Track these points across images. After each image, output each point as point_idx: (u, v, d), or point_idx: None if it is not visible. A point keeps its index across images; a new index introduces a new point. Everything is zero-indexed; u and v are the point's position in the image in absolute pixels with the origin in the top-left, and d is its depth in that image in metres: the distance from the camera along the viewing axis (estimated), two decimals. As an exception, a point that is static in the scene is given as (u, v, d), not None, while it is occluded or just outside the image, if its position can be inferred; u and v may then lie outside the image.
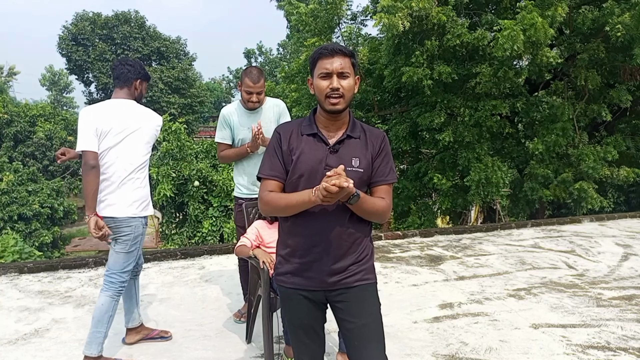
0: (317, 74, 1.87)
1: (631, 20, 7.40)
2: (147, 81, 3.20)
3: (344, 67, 1.83)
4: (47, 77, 52.11)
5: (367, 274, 1.93)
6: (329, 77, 1.84)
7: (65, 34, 24.91)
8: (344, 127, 1.93)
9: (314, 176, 1.83)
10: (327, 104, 1.85)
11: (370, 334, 1.89)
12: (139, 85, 3.10)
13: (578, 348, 3.28)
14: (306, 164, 1.86)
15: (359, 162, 1.87)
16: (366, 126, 1.98)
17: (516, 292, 4.43)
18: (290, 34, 21.13)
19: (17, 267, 4.89)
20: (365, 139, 1.93)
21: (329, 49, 1.85)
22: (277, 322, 2.92)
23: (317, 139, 1.89)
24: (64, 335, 3.42)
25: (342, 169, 1.68)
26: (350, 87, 1.86)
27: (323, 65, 1.85)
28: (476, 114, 8.84)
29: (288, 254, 1.94)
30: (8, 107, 20.92)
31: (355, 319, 1.89)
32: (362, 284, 1.90)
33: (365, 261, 1.93)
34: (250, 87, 3.34)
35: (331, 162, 1.84)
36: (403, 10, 7.63)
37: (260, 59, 39.51)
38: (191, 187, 9.10)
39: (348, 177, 1.70)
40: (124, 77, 3.03)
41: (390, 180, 1.93)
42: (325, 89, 1.84)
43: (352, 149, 1.89)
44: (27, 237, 15.96)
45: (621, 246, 6.26)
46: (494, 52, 7.71)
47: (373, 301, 1.94)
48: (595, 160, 8.65)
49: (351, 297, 1.90)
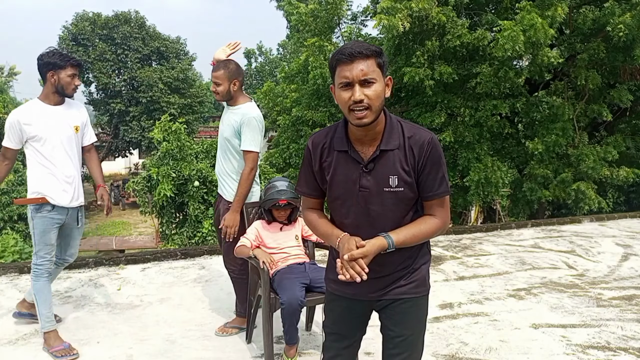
0: (337, 83, 1.61)
1: (632, 20, 7.41)
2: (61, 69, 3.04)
3: (367, 73, 1.55)
4: (47, 77, 52.02)
5: (416, 287, 1.79)
6: (351, 87, 1.57)
7: (65, 34, 24.89)
8: (380, 137, 1.66)
9: (349, 199, 1.70)
10: (352, 118, 1.60)
11: (406, 346, 1.81)
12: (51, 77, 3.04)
13: (578, 348, 3.28)
14: (340, 187, 1.71)
15: (397, 180, 1.64)
16: (409, 128, 1.68)
17: (516, 292, 4.43)
18: (290, 34, 21.11)
19: (17, 267, 4.88)
20: (405, 148, 1.65)
21: (346, 53, 1.56)
22: (277, 322, 2.92)
23: (350, 156, 1.68)
24: (63, 335, 3.41)
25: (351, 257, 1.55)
26: (378, 95, 1.57)
27: (342, 74, 1.58)
28: (476, 114, 8.85)
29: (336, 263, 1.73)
30: (8, 107, 20.91)
31: (396, 329, 1.81)
32: (409, 297, 1.79)
33: (416, 273, 1.79)
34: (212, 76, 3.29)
35: (365, 183, 1.66)
36: (403, 11, 7.64)
37: (260, 59, 39.50)
38: (191, 187, 9.09)
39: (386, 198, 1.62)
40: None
41: (441, 194, 1.69)
42: (348, 101, 1.57)
43: (388, 166, 1.65)
44: (27, 237, 15.95)
45: (621, 246, 6.26)
46: (494, 52, 7.72)
47: (418, 314, 1.83)
48: (595, 161, 8.65)
49: (396, 308, 1.80)
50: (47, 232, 3.06)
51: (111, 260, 5.19)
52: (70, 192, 3.13)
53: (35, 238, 3.08)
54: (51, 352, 3.05)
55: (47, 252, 3.10)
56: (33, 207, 3.06)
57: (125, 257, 5.27)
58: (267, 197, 3.12)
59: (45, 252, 3.09)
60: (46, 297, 3.11)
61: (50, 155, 3.06)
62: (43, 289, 3.10)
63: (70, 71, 3.06)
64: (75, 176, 3.18)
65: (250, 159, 3.20)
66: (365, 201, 1.68)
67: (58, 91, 3.07)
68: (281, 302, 2.77)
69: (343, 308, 1.88)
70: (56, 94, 3.09)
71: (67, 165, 3.12)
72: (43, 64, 3.03)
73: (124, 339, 3.37)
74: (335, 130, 1.74)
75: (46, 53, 3.07)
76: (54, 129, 3.06)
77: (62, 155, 3.10)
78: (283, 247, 3.16)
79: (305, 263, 3.14)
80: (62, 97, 3.13)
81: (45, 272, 3.11)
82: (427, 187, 1.68)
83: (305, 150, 1.79)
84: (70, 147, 3.14)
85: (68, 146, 3.13)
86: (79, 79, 3.16)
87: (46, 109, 3.08)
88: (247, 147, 3.18)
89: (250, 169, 3.20)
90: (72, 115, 3.19)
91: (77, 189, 3.19)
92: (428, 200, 1.71)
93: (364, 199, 1.68)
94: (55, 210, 3.08)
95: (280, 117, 11.73)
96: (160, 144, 9.43)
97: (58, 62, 3.02)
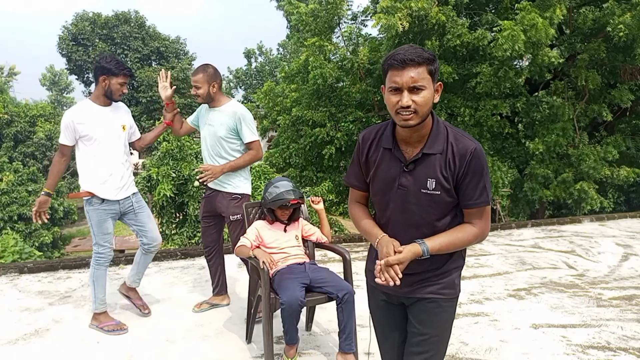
0: (387, 86, 1.66)
1: (632, 20, 7.41)
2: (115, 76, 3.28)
3: (417, 80, 1.58)
4: (47, 77, 52.12)
5: (443, 288, 1.82)
6: (399, 93, 1.61)
7: (65, 34, 24.90)
8: (424, 139, 1.71)
9: (388, 195, 1.76)
10: (397, 119, 1.65)
11: (428, 346, 1.84)
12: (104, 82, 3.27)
13: (578, 348, 3.28)
14: (380, 181, 1.78)
15: (434, 184, 1.68)
16: (455, 135, 1.70)
17: (516, 292, 4.43)
18: (290, 34, 21.13)
19: (17, 267, 4.88)
20: (447, 155, 1.68)
21: (398, 60, 1.59)
22: (277, 322, 2.92)
23: (393, 155, 1.74)
24: (64, 335, 3.42)
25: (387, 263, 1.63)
26: (426, 101, 1.61)
27: (392, 79, 1.61)
28: (476, 113, 8.85)
29: (375, 256, 1.84)
30: (8, 107, 20.92)
31: (419, 328, 1.84)
32: (436, 298, 1.82)
33: (445, 275, 1.81)
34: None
35: (404, 182, 1.72)
36: (402, 10, 7.64)
37: (260, 58, 39.50)
38: (191, 187, 9.10)
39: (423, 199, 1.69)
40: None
41: (480, 203, 1.70)
42: (395, 105, 1.62)
43: (429, 168, 1.69)
44: (27, 237, 15.96)
45: (621, 246, 6.26)
46: (494, 52, 7.71)
47: (443, 316, 1.84)
48: (596, 161, 8.66)
49: (422, 307, 1.84)
50: (102, 222, 3.34)
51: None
52: (117, 185, 3.36)
53: (93, 229, 3.37)
54: (101, 327, 3.40)
55: (106, 240, 3.40)
56: (86, 200, 3.33)
57: (125, 257, 5.27)
58: (276, 197, 3.09)
59: (104, 240, 3.39)
60: (103, 283, 3.46)
61: (99, 152, 3.29)
62: (101, 277, 3.44)
63: (121, 79, 3.31)
64: (122, 171, 3.40)
65: (256, 146, 3.51)
66: (402, 199, 1.74)
67: (106, 95, 3.31)
68: (281, 302, 2.77)
69: (381, 299, 1.97)
70: (105, 97, 3.32)
71: (114, 161, 3.35)
72: (99, 67, 3.25)
73: (124, 339, 3.37)
74: (385, 128, 1.81)
75: (104, 58, 3.30)
76: (104, 128, 3.30)
77: (109, 152, 3.33)
78: (283, 247, 3.16)
79: (306, 263, 3.14)
80: (110, 100, 3.37)
81: (106, 260, 3.44)
82: (467, 196, 1.70)
83: (356, 144, 1.88)
84: (118, 144, 3.38)
85: (116, 143, 3.37)
86: (127, 87, 3.41)
87: (97, 110, 3.32)
88: (251, 139, 3.47)
89: (257, 151, 3.53)
90: (120, 115, 3.45)
91: (125, 182, 3.42)
92: (467, 208, 1.74)
93: (401, 196, 1.74)
94: (105, 203, 3.33)
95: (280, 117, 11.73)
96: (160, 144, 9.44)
97: (113, 69, 3.25)
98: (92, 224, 3.36)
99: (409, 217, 1.75)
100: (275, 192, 3.11)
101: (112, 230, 3.44)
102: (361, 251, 5.89)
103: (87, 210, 3.33)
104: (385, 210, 1.81)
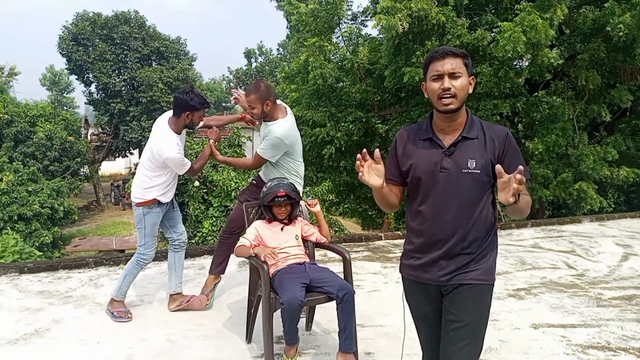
0: (429, 77, 1.90)
1: (632, 20, 7.40)
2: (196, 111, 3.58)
3: (455, 68, 1.85)
4: (47, 77, 52.12)
5: (483, 274, 1.92)
6: (441, 79, 1.86)
7: (65, 34, 24.86)
8: (461, 128, 1.92)
9: (430, 179, 1.91)
10: (439, 105, 1.87)
11: (466, 334, 1.90)
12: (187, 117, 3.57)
13: (578, 348, 3.28)
14: (422, 168, 1.92)
15: (475, 163, 1.87)
16: (487, 124, 1.96)
17: (516, 292, 4.43)
18: (290, 34, 21.12)
19: (17, 267, 4.89)
20: (485, 138, 1.91)
21: (440, 52, 1.88)
22: (277, 322, 2.92)
23: (433, 143, 1.93)
24: (64, 335, 3.42)
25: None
26: (464, 87, 1.86)
27: (435, 68, 1.87)
28: (477, 113, 8.84)
29: (411, 250, 2.03)
30: (8, 108, 20.90)
31: (457, 314, 1.91)
32: (475, 283, 1.91)
33: (484, 261, 1.93)
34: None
35: (446, 164, 1.88)
36: (402, 11, 7.63)
37: (261, 59, 39.51)
38: (191, 187, 9.10)
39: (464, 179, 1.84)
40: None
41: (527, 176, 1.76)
42: (438, 90, 1.86)
43: (468, 151, 1.89)
44: (27, 237, 15.94)
45: (621, 246, 6.26)
46: (494, 52, 7.71)
47: (482, 302, 1.94)
48: (595, 161, 8.64)
49: (461, 293, 1.91)
50: (155, 224, 3.73)
51: (111, 260, 5.20)
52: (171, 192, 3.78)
53: (145, 231, 3.70)
54: (111, 311, 3.71)
55: (154, 242, 3.77)
56: (148, 207, 3.66)
57: (125, 257, 5.27)
58: (267, 191, 3.17)
59: (152, 242, 3.75)
60: (132, 280, 3.81)
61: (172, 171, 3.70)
62: (135, 275, 3.79)
63: (202, 113, 3.63)
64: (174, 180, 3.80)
65: (256, 159, 3.63)
66: (445, 180, 1.89)
67: (187, 126, 3.63)
68: (281, 302, 2.77)
69: (419, 292, 2.04)
70: (185, 127, 3.65)
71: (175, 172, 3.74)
72: (184, 104, 3.49)
73: (124, 339, 3.38)
74: (421, 124, 2.02)
75: (188, 94, 3.50)
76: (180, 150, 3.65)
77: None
78: (283, 247, 3.16)
79: (306, 263, 3.14)
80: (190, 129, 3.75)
81: (147, 263, 3.79)
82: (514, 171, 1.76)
83: (393, 141, 2.06)
84: None
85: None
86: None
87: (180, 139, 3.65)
88: (259, 151, 3.55)
89: (253, 162, 3.73)
90: (184, 137, 3.81)
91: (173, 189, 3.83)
92: None
93: (443, 178, 1.89)
94: (159, 206, 3.71)
95: (280, 117, 11.68)
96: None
97: (197, 106, 3.53)
98: (145, 226, 3.69)
99: (451, 197, 1.89)
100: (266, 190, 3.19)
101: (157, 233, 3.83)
102: (361, 251, 5.90)
103: (145, 214, 3.66)
104: (427, 195, 1.94)
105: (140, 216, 3.70)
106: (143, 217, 3.68)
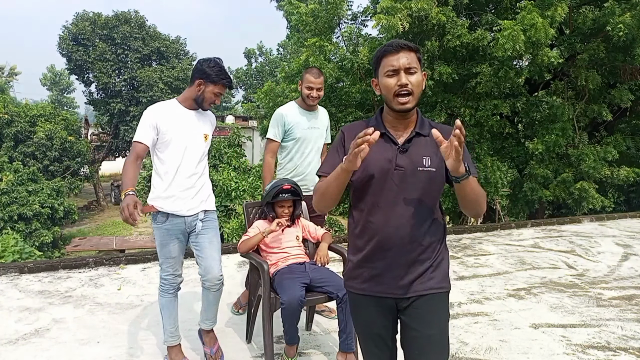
0: (382, 73, 1.78)
1: (632, 20, 7.41)
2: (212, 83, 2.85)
3: (410, 63, 1.74)
4: (48, 77, 52.15)
5: (440, 282, 1.81)
6: (397, 74, 1.74)
7: (65, 34, 24.89)
8: (412, 125, 1.83)
9: (383, 177, 1.77)
10: (395, 103, 1.76)
11: (434, 345, 1.78)
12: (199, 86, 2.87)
13: (578, 348, 3.28)
14: (375, 165, 1.77)
15: (430, 161, 1.77)
16: (435, 124, 1.88)
17: (516, 292, 4.43)
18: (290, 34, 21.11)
19: (17, 267, 4.89)
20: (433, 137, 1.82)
21: (394, 45, 1.76)
22: (277, 322, 2.92)
23: (385, 139, 1.80)
24: (64, 335, 3.43)
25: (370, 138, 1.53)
26: (419, 83, 1.76)
27: (389, 63, 1.76)
28: (476, 113, 8.84)
29: (359, 259, 1.84)
30: (8, 107, 20.92)
31: (421, 329, 1.78)
32: (435, 293, 1.80)
33: (439, 267, 1.82)
34: (311, 83, 3.57)
35: (401, 161, 1.77)
36: (402, 11, 7.63)
37: (261, 59, 39.49)
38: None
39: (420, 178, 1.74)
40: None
41: (474, 173, 1.74)
42: (394, 86, 1.75)
43: (422, 148, 1.79)
44: (28, 237, 15.96)
45: (621, 246, 6.26)
46: (494, 52, 7.71)
47: (443, 311, 1.83)
48: (595, 160, 8.65)
49: (421, 305, 1.79)
50: (165, 244, 2.88)
51: (111, 260, 5.20)
52: (189, 199, 2.89)
53: (157, 249, 2.95)
54: None
55: (169, 265, 2.94)
56: (152, 217, 2.92)
57: (125, 257, 5.27)
58: (271, 187, 3.20)
59: (167, 265, 2.94)
60: (171, 313, 3.00)
61: (175, 160, 2.85)
62: (168, 306, 2.99)
63: (218, 89, 2.87)
64: (194, 181, 2.92)
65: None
66: (400, 180, 1.78)
67: (196, 100, 2.88)
68: (281, 302, 2.77)
69: (372, 307, 1.86)
70: (194, 101, 2.90)
71: (187, 172, 2.88)
72: (199, 70, 2.84)
73: (124, 339, 3.38)
74: (369, 120, 1.91)
75: (207, 61, 2.87)
76: (185, 132, 2.87)
77: (186, 160, 2.88)
78: (284, 247, 3.16)
79: (306, 263, 3.14)
80: (198, 106, 2.93)
81: (170, 287, 2.98)
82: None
83: (338, 135, 1.91)
84: (196, 153, 2.92)
85: (195, 152, 2.91)
86: (220, 99, 2.97)
87: (182, 111, 2.90)
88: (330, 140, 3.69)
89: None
90: (205, 122, 2.99)
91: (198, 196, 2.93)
92: None
93: (398, 177, 1.77)
94: (169, 220, 2.85)
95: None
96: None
97: (213, 75, 2.83)
98: (156, 244, 2.94)
99: (407, 196, 1.77)
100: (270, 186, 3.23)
101: (177, 254, 2.93)
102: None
103: (154, 228, 2.91)
104: (378, 194, 1.79)
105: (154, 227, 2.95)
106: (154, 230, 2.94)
